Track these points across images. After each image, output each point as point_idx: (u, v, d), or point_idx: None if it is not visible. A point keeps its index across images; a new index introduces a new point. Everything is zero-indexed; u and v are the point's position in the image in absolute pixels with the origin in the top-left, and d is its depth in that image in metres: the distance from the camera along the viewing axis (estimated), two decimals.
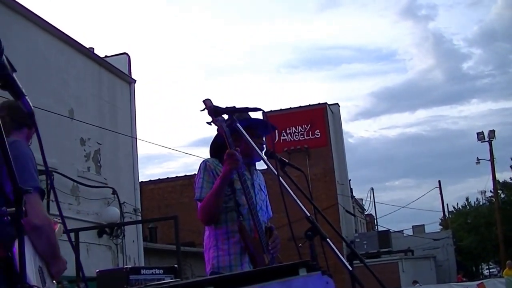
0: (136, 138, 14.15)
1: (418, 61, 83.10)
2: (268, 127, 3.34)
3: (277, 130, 22.91)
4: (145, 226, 16.99)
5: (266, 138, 3.41)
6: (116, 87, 13.92)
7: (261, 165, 3.17)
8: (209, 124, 2.94)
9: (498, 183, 31.36)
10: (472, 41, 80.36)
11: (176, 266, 6.97)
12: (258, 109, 2.94)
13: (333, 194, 24.62)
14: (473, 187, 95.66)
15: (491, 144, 29.23)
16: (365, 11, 78.96)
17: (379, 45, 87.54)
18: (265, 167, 2.96)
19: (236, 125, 2.88)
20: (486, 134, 29.47)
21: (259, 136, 3.23)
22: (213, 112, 2.87)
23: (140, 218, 14.16)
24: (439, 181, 37.79)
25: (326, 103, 26.25)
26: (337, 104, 27.55)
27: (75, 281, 7.08)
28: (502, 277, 19.11)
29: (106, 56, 14.33)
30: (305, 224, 2.51)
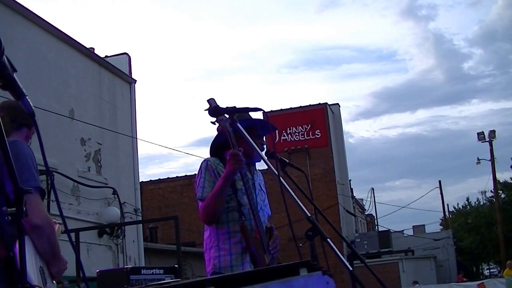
0: (137, 138, 14.17)
1: (419, 61, 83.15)
2: (268, 127, 3.34)
3: (277, 130, 22.93)
4: (146, 226, 16.99)
5: (267, 138, 3.41)
6: (117, 87, 13.92)
7: (261, 165, 3.18)
8: (213, 123, 2.94)
9: (498, 183, 31.33)
10: (473, 41, 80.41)
11: (176, 266, 6.98)
12: (259, 109, 2.93)
13: (333, 194, 24.61)
14: (473, 187, 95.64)
15: (491, 144, 29.20)
16: (366, 11, 79.02)
17: (380, 45, 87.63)
18: (265, 167, 2.96)
19: (237, 125, 2.88)
20: (487, 134, 29.43)
21: (259, 136, 3.23)
22: (213, 112, 2.86)
23: (141, 218, 14.15)
24: (440, 181, 37.78)
25: (327, 103, 26.26)
26: (338, 104, 27.56)
27: (75, 281, 7.09)
28: (503, 277, 19.08)
29: (106, 56, 14.34)
30: (306, 224, 2.50)
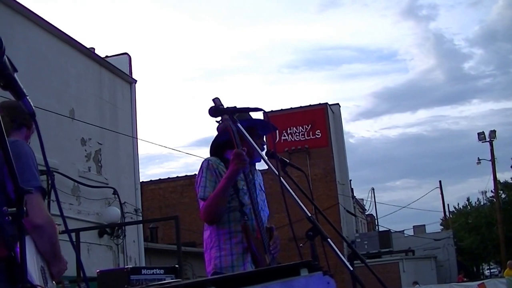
0: (137, 138, 14.17)
1: (419, 61, 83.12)
2: (269, 127, 3.34)
3: (277, 130, 22.93)
4: (146, 226, 16.99)
5: (267, 138, 3.41)
6: (117, 87, 13.93)
7: (261, 165, 3.17)
8: (218, 123, 2.95)
9: (499, 183, 31.33)
10: (473, 41, 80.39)
11: (177, 266, 6.97)
12: (259, 109, 2.93)
13: (333, 194, 24.61)
14: (474, 187, 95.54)
15: (492, 144, 29.19)
16: (366, 11, 79.00)
17: (380, 45, 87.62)
18: (265, 167, 2.95)
19: (237, 125, 2.88)
20: (487, 134, 29.42)
21: (259, 136, 3.23)
22: (213, 112, 2.86)
23: (141, 218, 14.16)
24: (440, 181, 37.75)
25: (327, 103, 26.26)
26: (338, 104, 27.57)
27: (76, 281, 7.09)
28: (503, 277, 19.08)
29: (107, 56, 14.34)
30: (306, 224, 2.50)
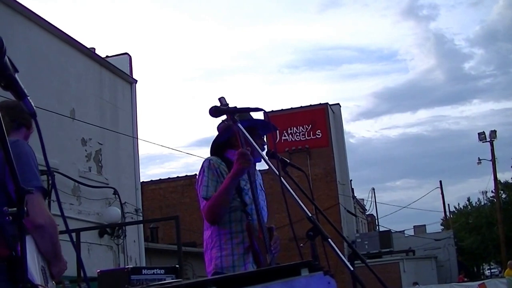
0: (137, 138, 14.17)
1: (420, 61, 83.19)
2: (269, 127, 3.34)
3: (278, 130, 22.93)
4: (146, 226, 16.99)
5: (268, 138, 3.40)
6: (117, 87, 13.93)
7: (262, 165, 3.17)
8: (223, 122, 2.95)
9: (499, 183, 31.34)
10: (474, 41, 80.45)
11: (177, 266, 6.96)
12: (260, 109, 2.93)
13: (334, 194, 24.62)
14: (474, 187, 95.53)
15: (492, 145, 29.19)
16: (366, 11, 79.04)
17: (380, 45, 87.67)
18: (266, 167, 2.96)
19: (238, 125, 2.88)
20: (488, 134, 29.43)
21: (260, 136, 3.23)
22: (213, 112, 2.86)
23: (141, 218, 14.16)
24: (440, 181, 37.79)
25: (327, 103, 26.26)
26: (338, 104, 27.57)
27: (76, 281, 7.10)
28: (504, 277, 19.07)
29: (107, 56, 14.35)
30: (307, 224, 2.50)
